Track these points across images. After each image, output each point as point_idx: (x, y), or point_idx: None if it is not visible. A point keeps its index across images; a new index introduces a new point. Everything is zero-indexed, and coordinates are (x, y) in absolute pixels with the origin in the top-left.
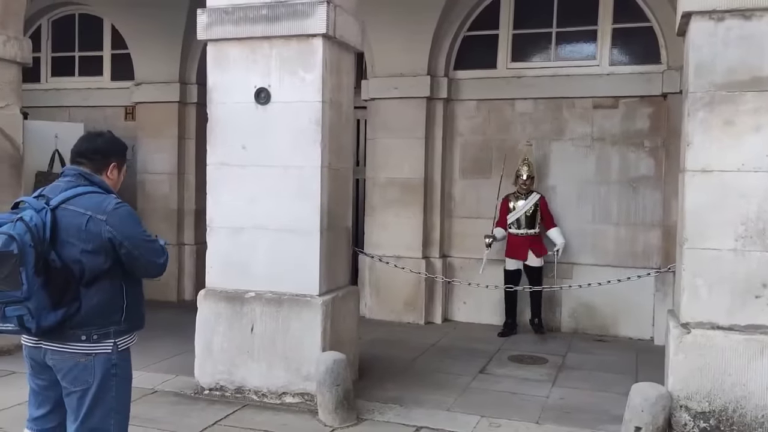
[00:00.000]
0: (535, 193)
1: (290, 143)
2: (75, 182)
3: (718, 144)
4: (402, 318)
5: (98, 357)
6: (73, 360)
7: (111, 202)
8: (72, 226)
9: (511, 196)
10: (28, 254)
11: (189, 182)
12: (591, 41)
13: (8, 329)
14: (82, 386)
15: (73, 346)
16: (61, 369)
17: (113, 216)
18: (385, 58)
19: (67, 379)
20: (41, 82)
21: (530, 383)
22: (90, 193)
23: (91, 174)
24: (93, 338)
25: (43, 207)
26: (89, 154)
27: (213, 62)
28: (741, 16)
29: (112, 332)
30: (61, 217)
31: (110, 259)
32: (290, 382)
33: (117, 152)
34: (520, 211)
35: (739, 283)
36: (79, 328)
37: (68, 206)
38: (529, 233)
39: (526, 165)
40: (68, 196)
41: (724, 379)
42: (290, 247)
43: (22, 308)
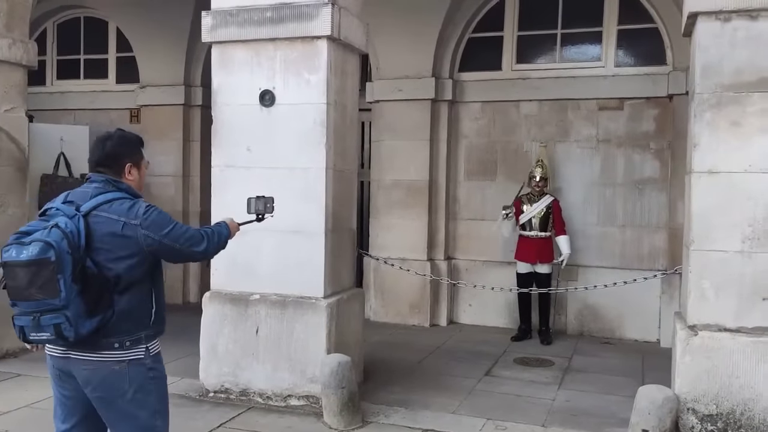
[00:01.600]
0: (548, 196)
1: (295, 145)
2: (103, 188)
3: (724, 145)
4: (407, 320)
5: (132, 364)
6: (106, 369)
7: (141, 206)
8: (106, 232)
9: (524, 198)
10: (66, 261)
11: (194, 184)
12: (596, 43)
13: (42, 338)
14: (117, 393)
15: (106, 355)
16: (93, 379)
17: (146, 220)
18: (390, 60)
19: (101, 388)
20: (47, 85)
21: (536, 386)
22: (120, 200)
23: (117, 181)
24: (126, 345)
25: (75, 213)
26: (103, 161)
27: (217, 64)
28: (748, 16)
29: (143, 337)
30: (94, 224)
31: (144, 265)
32: (295, 385)
33: (128, 152)
34: (531, 212)
35: (747, 285)
36: (112, 336)
37: (100, 213)
38: (540, 236)
39: (540, 166)
40: (99, 203)
41: (732, 382)
42: (295, 249)
43: (60, 316)
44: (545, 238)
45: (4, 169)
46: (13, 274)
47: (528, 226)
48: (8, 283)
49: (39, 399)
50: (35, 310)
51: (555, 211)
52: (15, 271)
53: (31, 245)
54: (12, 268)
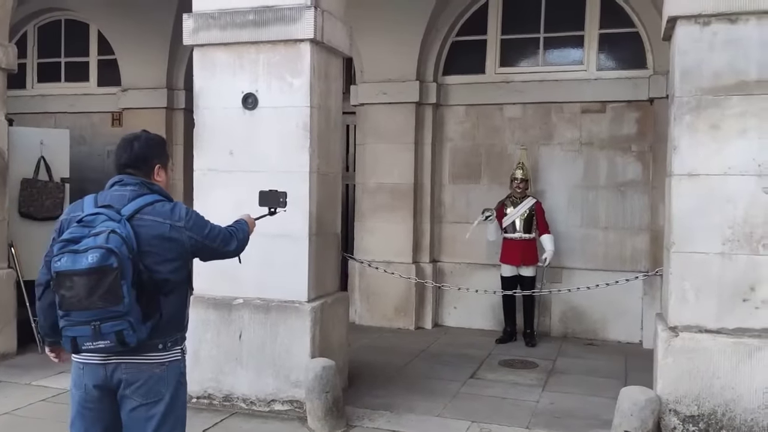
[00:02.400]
0: (531, 198)
1: (278, 149)
2: (140, 191)
3: (704, 148)
4: (392, 324)
5: (170, 366)
6: (149, 371)
7: (182, 208)
8: (153, 235)
9: (507, 201)
10: (127, 267)
11: (177, 188)
12: (578, 46)
13: (99, 347)
14: (154, 398)
15: (149, 357)
16: (135, 382)
17: (189, 221)
18: (374, 63)
19: (140, 392)
20: (27, 89)
21: (520, 388)
22: (160, 201)
23: (150, 183)
24: (168, 346)
25: (120, 217)
26: (133, 163)
27: (199, 67)
28: (727, 20)
29: (179, 338)
30: (140, 228)
31: (187, 267)
32: (279, 390)
33: (157, 153)
34: (514, 214)
35: (727, 287)
36: (157, 338)
37: (144, 215)
38: (524, 237)
39: (520, 168)
40: (141, 205)
41: (713, 383)
42: (279, 253)
43: (123, 322)
44: (529, 240)
45: None
46: (70, 284)
47: (511, 229)
48: (64, 293)
49: (19, 406)
50: (95, 319)
51: (538, 213)
52: (73, 281)
53: (89, 253)
54: (69, 277)
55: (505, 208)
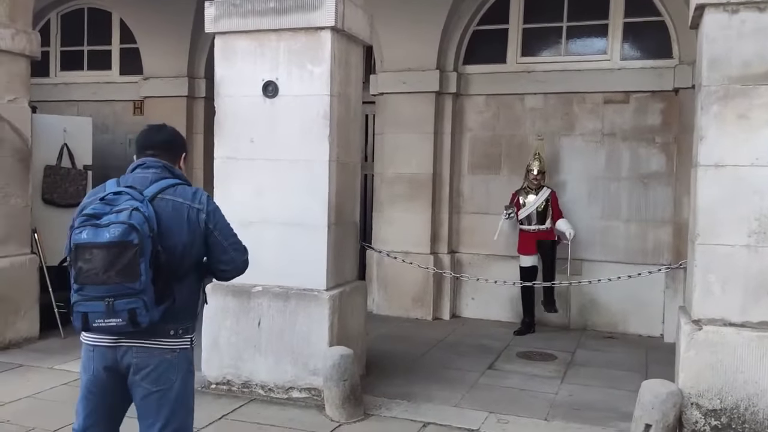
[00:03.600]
0: (546, 188)
1: (298, 137)
2: (162, 174)
3: (731, 138)
4: (410, 314)
5: (180, 354)
6: (160, 356)
7: (203, 193)
8: (174, 217)
9: (522, 191)
10: (147, 245)
11: (197, 177)
12: (602, 36)
13: (110, 325)
14: (164, 385)
15: (161, 342)
16: (145, 367)
17: (209, 205)
18: (394, 52)
19: (150, 378)
20: (50, 77)
21: (539, 380)
22: (181, 185)
23: (172, 167)
24: (179, 333)
25: (142, 198)
26: (164, 145)
27: (220, 55)
28: (756, 8)
29: (191, 327)
30: (161, 209)
31: (203, 251)
32: (297, 377)
33: (183, 144)
34: (531, 206)
35: (753, 280)
36: (169, 323)
37: (166, 196)
38: (540, 229)
39: (537, 160)
40: (162, 187)
41: (736, 377)
42: (298, 242)
43: (137, 300)
44: (546, 231)
45: (7, 160)
46: (89, 256)
47: (527, 221)
48: (81, 265)
49: (41, 390)
50: (110, 294)
51: (553, 202)
52: (92, 253)
53: (111, 227)
54: (89, 249)
55: (521, 199)
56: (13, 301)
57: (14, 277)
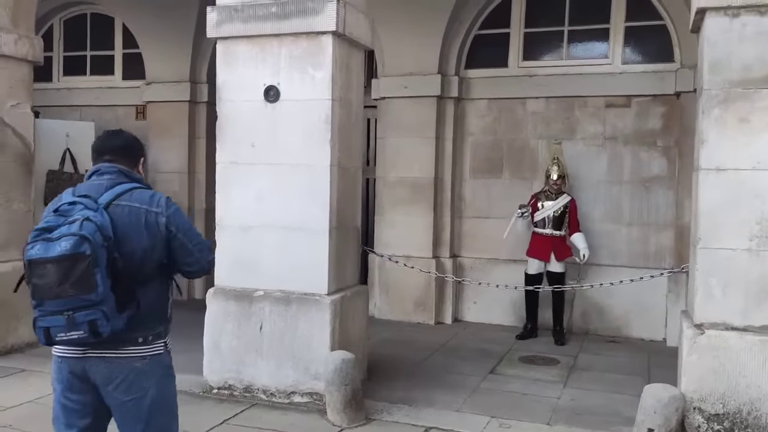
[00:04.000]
0: (566, 195)
1: (300, 141)
2: (117, 179)
3: (732, 142)
4: (412, 318)
5: (153, 360)
6: (128, 366)
7: (162, 196)
8: (131, 222)
9: (541, 195)
10: (101, 254)
11: (199, 181)
12: (603, 40)
13: (72, 338)
14: (137, 394)
15: (129, 351)
16: (115, 378)
17: (168, 208)
18: (396, 57)
19: (121, 388)
20: (53, 82)
21: (541, 384)
22: (138, 189)
23: (129, 171)
24: (149, 340)
25: (96, 206)
26: (120, 150)
27: (222, 60)
28: (756, 11)
29: (162, 332)
30: (116, 215)
31: (164, 255)
32: (299, 382)
33: (141, 148)
34: (547, 210)
35: (754, 284)
36: (136, 331)
37: (121, 202)
38: (554, 234)
39: (556, 164)
40: (118, 193)
41: (739, 381)
42: (299, 246)
43: (96, 312)
44: (560, 237)
45: (10, 165)
46: (41, 272)
47: (542, 224)
48: (35, 281)
49: (43, 395)
50: (68, 308)
51: (571, 211)
52: (45, 268)
53: (62, 240)
54: (42, 265)
55: (538, 202)
56: (15, 306)
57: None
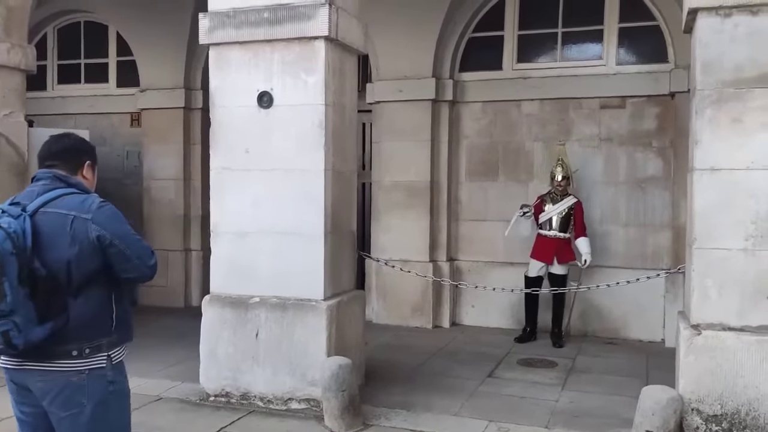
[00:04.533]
0: (572, 197)
1: (294, 146)
2: (51, 185)
3: (726, 142)
4: (409, 322)
5: (92, 374)
6: (63, 379)
7: (95, 200)
8: (55, 229)
9: (546, 197)
10: (10, 263)
11: (195, 188)
12: (597, 41)
13: None
14: (74, 409)
15: (63, 364)
16: (50, 391)
17: (99, 214)
18: (390, 60)
19: (57, 402)
20: (47, 90)
21: (539, 387)
22: (70, 194)
23: (66, 176)
24: (85, 352)
25: (20, 213)
26: (61, 155)
27: (215, 66)
28: (748, 11)
29: (105, 345)
30: (42, 222)
31: (97, 263)
32: (296, 388)
33: (89, 151)
34: (551, 212)
35: (750, 284)
36: (69, 343)
37: (48, 209)
38: (558, 236)
39: (560, 166)
40: (47, 199)
41: (737, 381)
42: (294, 251)
43: (8, 323)
44: (564, 239)
45: (3, 174)
46: None
47: (547, 226)
48: None
49: None
50: None
51: (577, 213)
52: None
53: None
54: None
55: (543, 204)
56: None
57: None
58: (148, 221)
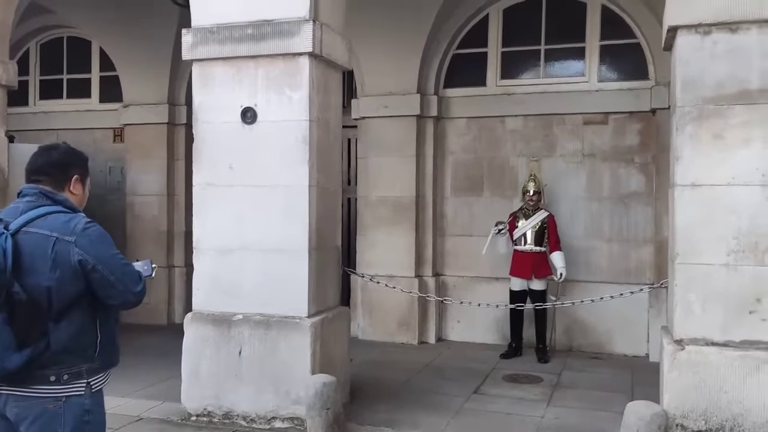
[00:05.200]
0: (543, 210)
1: (278, 162)
2: (36, 202)
3: (707, 158)
4: (395, 338)
5: (69, 402)
6: (40, 406)
7: (80, 221)
8: (37, 251)
9: (519, 213)
10: None
11: (179, 204)
12: (580, 58)
13: None
14: None
15: (40, 390)
16: (26, 418)
17: (83, 237)
18: (375, 76)
19: (33, 429)
20: (29, 106)
21: (525, 403)
22: (55, 213)
23: (53, 192)
24: (63, 378)
25: (2, 232)
26: (47, 169)
27: (198, 82)
28: (728, 29)
29: (85, 371)
30: (24, 242)
31: (80, 287)
32: (279, 406)
33: (77, 163)
34: (525, 227)
35: (733, 299)
36: (47, 368)
37: (30, 229)
38: (534, 250)
39: (532, 181)
40: (30, 218)
41: (720, 397)
42: (278, 268)
43: None
44: (540, 253)
45: None
46: None
47: (522, 241)
48: None
49: None
50: None
51: (550, 227)
52: None
53: None
54: None
55: (517, 221)
56: None
57: None
58: (131, 237)
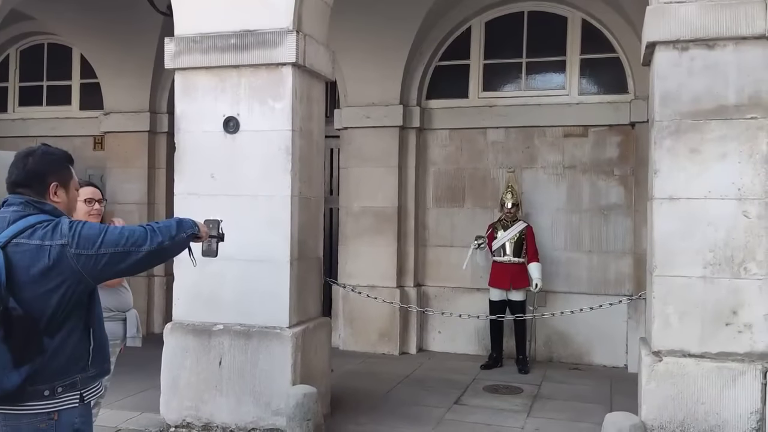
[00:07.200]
0: (521, 222)
1: (260, 172)
2: (23, 211)
3: (684, 172)
4: (377, 349)
5: (61, 417)
6: (33, 425)
7: (64, 223)
8: (30, 263)
9: (497, 224)
10: None
11: (159, 212)
12: (560, 71)
13: None
14: None
15: (33, 406)
16: None
17: (74, 236)
18: (358, 87)
19: None
20: (8, 112)
21: (505, 414)
22: (43, 222)
23: (39, 201)
24: (57, 392)
25: None
26: (24, 181)
27: (181, 91)
28: (705, 45)
29: (78, 381)
30: (15, 255)
31: (78, 294)
32: (260, 418)
33: (54, 170)
34: (504, 238)
35: (710, 311)
36: (41, 383)
37: (21, 240)
38: (513, 261)
39: (510, 192)
40: (20, 229)
41: (697, 408)
42: (259, 278)
43: None
44: (519, 264)
45: None
46: None
47: (501, 252)
48: None
49: None
50: None
51: (528, 238)
52: None
53: None
54: None
55: (495, 232)
56: None
57: None
58: None
